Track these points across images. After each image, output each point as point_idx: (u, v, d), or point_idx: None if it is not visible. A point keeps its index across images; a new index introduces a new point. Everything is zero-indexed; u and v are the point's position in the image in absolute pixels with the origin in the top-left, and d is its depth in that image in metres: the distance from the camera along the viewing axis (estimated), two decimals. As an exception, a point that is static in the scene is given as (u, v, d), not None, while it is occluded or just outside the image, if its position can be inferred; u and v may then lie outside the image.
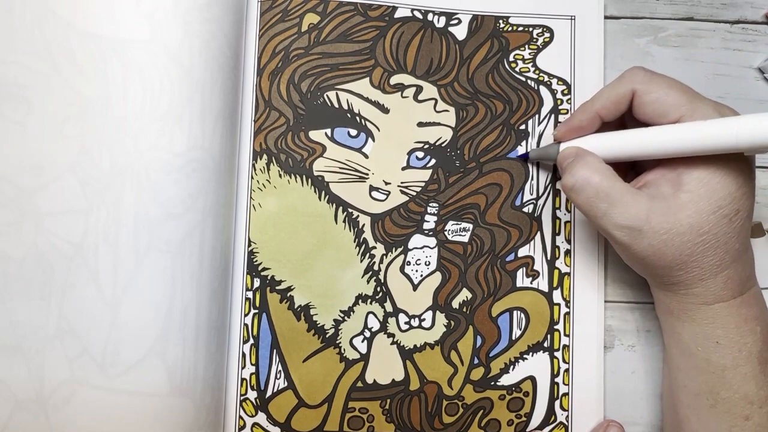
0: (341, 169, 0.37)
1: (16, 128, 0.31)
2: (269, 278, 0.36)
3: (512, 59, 0.38)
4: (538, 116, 0.38)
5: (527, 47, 0.38)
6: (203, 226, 0.33)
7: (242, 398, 0.35)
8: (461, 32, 0.38)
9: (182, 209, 0.32)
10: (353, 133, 0.37)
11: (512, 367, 0.36)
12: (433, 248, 0.37)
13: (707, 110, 0.29)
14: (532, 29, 0.38)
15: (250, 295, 0.36)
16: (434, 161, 0.37)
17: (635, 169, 0.35)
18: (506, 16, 0.38)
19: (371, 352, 0.36)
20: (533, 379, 0.36)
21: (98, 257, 0.31)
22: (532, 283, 0.37)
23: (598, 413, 0.36)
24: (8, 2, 0.32)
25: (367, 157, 0.37)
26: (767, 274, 0.36)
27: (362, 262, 0.36)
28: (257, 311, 0.36)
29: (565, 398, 0.36)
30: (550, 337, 0.37)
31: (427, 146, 0.37)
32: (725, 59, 0.39)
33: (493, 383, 0.36)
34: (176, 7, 0.32)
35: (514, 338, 0.37)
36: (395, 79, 0.37)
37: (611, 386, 0.37)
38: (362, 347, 0.36)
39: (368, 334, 0.36)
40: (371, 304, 0.36)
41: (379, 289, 0.36)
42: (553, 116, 0.38)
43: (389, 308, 0.36)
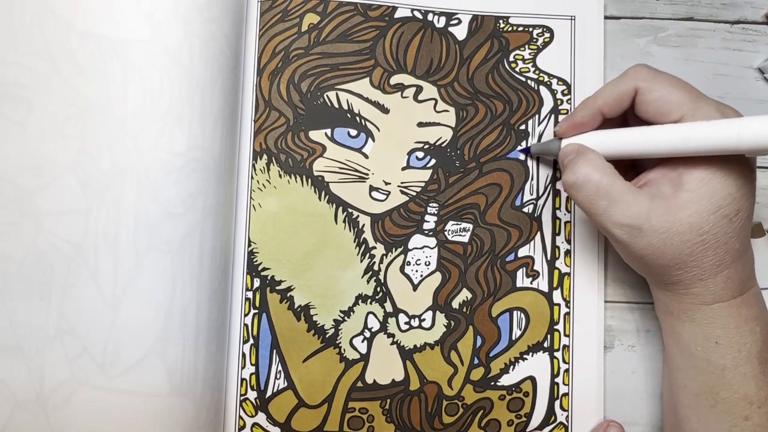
0: (341, 169, 0.37)
1: (16, 128, 0.31)
2: (269, 278, 0.36)
3: (512, 59, 0.38)
4: (538, 116, 0.38)
5: (527, 47, 0.38)
6: (203, 226, 0.33)
7: (242, 398, 0.35)
8: (461, 32, 0.38)
9: (182, 209, 0.32)
10: (353, 133, 0.37)
11: (512, 367, 0.36)
12: (433, 248, 0.37)
13: (709, 110, 0.29)
14: (532, 29, 0.38)
15: (250, 295, 0.36)
16: (434, 161, 0.37)
17: (636, 168, 0.35)
18: (506, 16, 0.38)
19: (371, 352, 0.36)
20: (533, 379, 0.36)
21: (98, 257, 0.31)
22: (532, 283, 0.37)
23: (598, 413, 0.36)
24: (8, 2, 0.32)
25: (367, 157, 0.37)
26: (767, 274, 0.36)
27: (362, 262, 0.36)
28: (257, 311, 0.36)
29: (565, 398, 0.36)
30: (550, 337, 0.37)
31: (427, 146, 0.37)
32: (725, 59, 0.39)
33: (493, 383, 0.36)
34: (176, 7, 0.32)
35: (514, 338, 0.37)
36: (395, 79, 0.37)
37: (611, 386, 0.37)
38: (362, 347, 0.36)
39: (368, 334, 0.36)
40: (371, 304, 0.36)
41: (379, 289, 0.36)
42: (553, 116, 0.38)
43: (389, 308, 0.36)
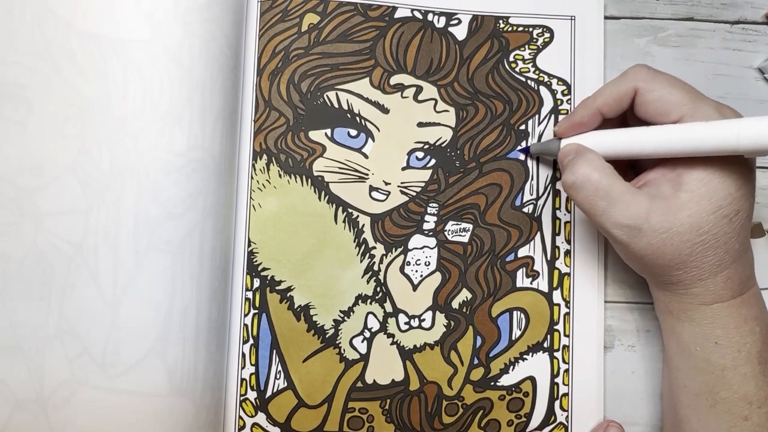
0: (341, 169, 0.37)
1: (16, 128, 0.31)
2: (269, 278, 0.36)
3: (512, 59, 0.38)
4: (538, 116, 0.38)
5: (527, 47, 0.38)
6: (203, 226, 0.33)
7: (242, 398, 0.35)
8: (461, 32, 0.38)
9: (182, 209, 0.32)
10: (353, 133, 0.37)
11: (512, 367, 0.36)
12: (433, 248, 0.37)
13: (709, 111, 0.29)
14: (532, 29, 0.38)
15: (250, 295, 0.36)
16: (434, 161, 0.37)
17: (635, 168, 0.35)
18: (506, 16, 0.38)
19: (371, 352, 0.36)
20: (533, 379, 0.36)
21: (98, 257, 0.31)
22: (532, 283, 0.37)
23: (598, 413, 0.36)
24: (8, 2, 0.32)
25: (367, 157, 0.37)
26: (767, 274, 0.36)
27: (362, 262, 0.36)
28: (257, 311, 0.36)
29: (565, 398, 0.36)
30: (550, 337, 0.37)
31: (427, 146, 0.37)
32: (725, 59, 0.39)
33: (493, 383, 0.36)
34: (176, 7, 0.32)
35: (514, 338, 0.37)
36: (395, 79, 0.37)
37: (611, 386, 0.37)
38: (362, 347, 0.36)
39: (368, 334, 0.36)
40: (371, 304, 0.36)
41: (378, 289, 0.36)
42: (553, 116, 0.38)
43: (389, 308, 0.36)
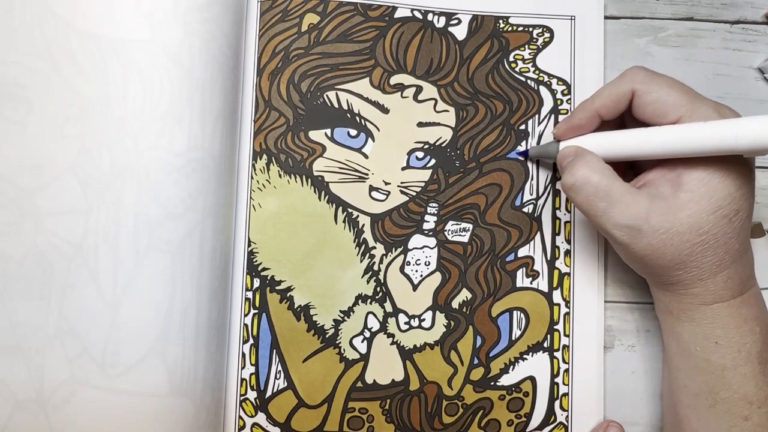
0: (341, 169, 0.37)
1: (16, 128, 0.31)
2: (269, 278, 0.36)
3: (512, 59, 0.38)
4: (538, 116, 0.38)
5: (527, 47, 0.38)
6: (203, 226, 0.33)
7: (242, 398, 0.35)
8: (461, 32, 0.38)
9: (182, 209, 0.32)
10: (353, 133, 0.37)
11: (512, 367, 0.36)
12: (433, 248, 0.37)
13: (707, 111, 0.29)
14: (532, 29, 0.38)
15: (250, 295, 0.36)
16: (434, 161, 0.37)
17: (634, 169, 0.35)
18: (506, 16, 0.38)
19: (371, 352, 0.36)
20: (533, 379, 0.36)
21: (98, 257, 0.31)
22: (532, 283, 0.37)
23: (598, 413, 0.36)
24: (8, 2, 0.32)
25: (367, 157, 0.37)
26: (767, 274, 0.36)
27: (362, 262, 0.36)
28: (257, 311, 0.36)
29: (564, 398, 0.36)
30: (549, 337, 0.37)
31: (427, 146, 0.37)
32: (725, 59, 0.39)
33: (492, 383, 0.36)
34: (176, 7, 0.32)
35: (513, 338, 0.37)
36: (395, 79, 0.37)
37: (611, 386, 0.37)
38: (362, 347, 0.36)
39: (368, 334, 0.36)
40: (371, 304, 0.36)
41: (378, 289, 0.36)
42: (553, 116, 0.38)
43: (389, 308, 0.36)
